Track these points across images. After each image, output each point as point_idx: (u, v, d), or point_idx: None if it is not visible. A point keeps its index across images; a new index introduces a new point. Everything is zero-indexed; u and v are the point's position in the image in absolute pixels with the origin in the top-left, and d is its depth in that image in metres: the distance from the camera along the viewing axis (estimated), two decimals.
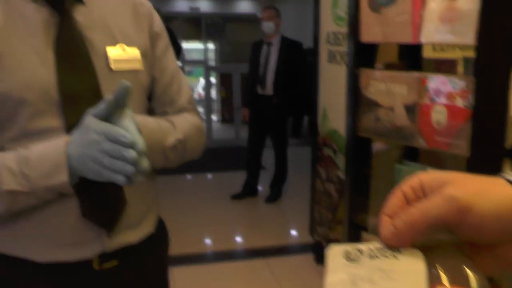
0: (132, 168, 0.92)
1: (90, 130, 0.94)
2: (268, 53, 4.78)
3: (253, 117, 4.94)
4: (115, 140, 0.92)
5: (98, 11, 1.13)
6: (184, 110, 1.27)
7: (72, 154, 0.97)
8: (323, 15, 3.33)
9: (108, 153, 0.92)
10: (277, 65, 4.70)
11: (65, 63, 1.03)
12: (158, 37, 1.24)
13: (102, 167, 0.94)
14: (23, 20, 1.04)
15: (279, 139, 4.97)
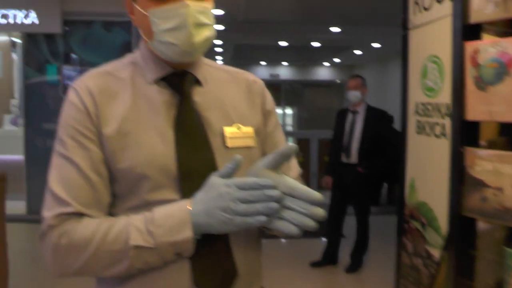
0: (277, 205, 0.97)
1: (217, 186, 1.00)
2: (353, 122, 4.78)
3: (336, 185, 4.89)
4: (251, 187, 0.98)
5: (215, 92, 1.21)
6: None
7: (197, 210, 1.02)
8: (411, 84, 3.32)
9: (244, 199, 0.98)
10: (363, 134, 4.69)
11: (184, 141, 1.11)
12: (270, 115, 1.29)
13: (235, 214, 0.98)
14: (147, 102, 1.13)
15: (361, 207, 4.87)
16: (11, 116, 7.05)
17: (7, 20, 5.85)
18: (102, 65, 1.21)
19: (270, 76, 14.56)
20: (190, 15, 1.08)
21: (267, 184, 0.98)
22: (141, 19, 1.13)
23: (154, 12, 1.09)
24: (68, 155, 1.08)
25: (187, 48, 1.10)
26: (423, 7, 3.12)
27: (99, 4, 5.83)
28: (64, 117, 1.12)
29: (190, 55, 1.14)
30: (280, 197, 0.98)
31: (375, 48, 10.61)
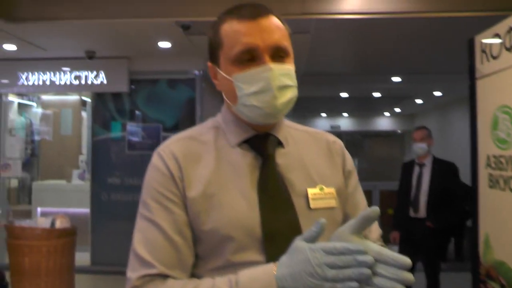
0: (369, 271, 0.92)
1: (302, 250, 0.96)
2: (420, 175, 4.63)
3: (404, 240, 4.71)
4: (340, 252, 0.93)
5: (297, 153, 1.22)
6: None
7: (282, 274, 0.98)
8: (480, 136, 3.19)
9: (333, 264, 0.93)
10: (430, 187, 4.52)
11: (267, 203, 1.11)
12: (350, 175, 1.29)
13: (323, 280, 0.93)
14: (230, 164, 1.15)
15: (431, 263, 4.63)
16: (79, 171, 7.33)
17: (79, 81, 6.18)
18: (185, 130, 1.25)
19: (330, 128, 14.51)
20: (274, 78, 1.09)
21: (358, 249, 0.93)
22: (225, 84, 1.16)
23: (238, 77, 1.11)
24: (152, 218, 1.10)
25: (271, 110, 1.12)
26: (491, 56, 3.03)
27: (164, 63, 6.06)
28: (149, 181, 1.15)
29: (274, 117, 1.15)
30: (372, 263, 0.93)
31: (436, 96, 10.39)
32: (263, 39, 1.10)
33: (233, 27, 1.12)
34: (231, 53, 1.11)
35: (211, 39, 1.19)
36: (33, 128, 7.95)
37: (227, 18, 1.15)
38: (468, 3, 3.48)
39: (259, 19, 1.11)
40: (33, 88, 6.27)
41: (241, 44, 1.10)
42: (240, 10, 1.13)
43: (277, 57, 1.12)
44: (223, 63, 1.15)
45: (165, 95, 6.18)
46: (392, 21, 4.49)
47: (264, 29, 1.11)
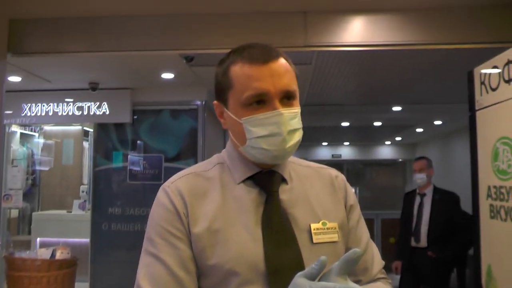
0: None
1: (303, 287, 0.97)
2: (421, 204, 4.64)
3: (406, 270, 4.69)
4: None
5: (300, 188, 1.24)
6: (376, 279, 1.30)
7: None
8: (481, 167, 3.20)
9: None
10: (431, 217, 4.52)
11: (271, 238, 1.12)
12: (352, 209, 1.31)
13: None
14: (235, 200, 1.17)
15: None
16: (79, 201, 7.32)
17: (81, 112, 6.22)
18: (192, 166, 1.28)
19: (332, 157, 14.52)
20: (284, 123, 1.12)
21: None
22: (233, 124, 1.19)
23: (248, 120, 1.14)
24: (157, 253, 1.12)
25: (280, 153, 1.15)
26: (490, 88, 3.06)
27: (166, 94, 6.11)
28: (154, 217, 1.17)
29: (282, 159, 1.19)
30: None
31: (437, 126, 10.44)
32: (273, 84, 1.12)
33: (244, 71, 1.14)
34: (241, 97, 1.14)
35: (219, 79, 1.21)
36: (35, 158, 7.97)
37: (238, 60, 1.17)
38: (467, 35, 3.53)
39: (270, 63, 1.14)
40: (36, 119, 6.31)
41: (252, 89, 1.12)
42: (250, 53, 1.15)
43: (286, 100, 1.15)
44: (232, 105, 1.17)
45: (168, 125, 6.22)
46: (393, 52, 4.56)
47: (274, 73, 1.13)
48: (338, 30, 3.50)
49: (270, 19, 3.51)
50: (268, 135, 1.12)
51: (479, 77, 3.21)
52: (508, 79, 2.82)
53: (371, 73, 5.55)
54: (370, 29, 3.54)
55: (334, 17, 3.50)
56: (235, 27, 3.55)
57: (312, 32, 3.47)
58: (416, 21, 3.52)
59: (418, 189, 4.75)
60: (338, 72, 5.45)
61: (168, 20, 3.64)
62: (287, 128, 1.12)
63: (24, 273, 3.25)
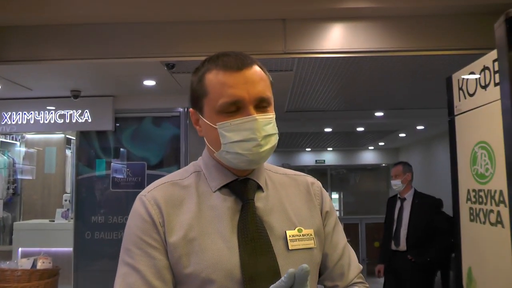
0: None
1: None
2: (401, 209, 4.69)
3: (387, 273, 4.74)
4: None
5: (276, 196, 1.25)
6: (353, 284, 1.31)
7: None
8: (461, 171, 3.24)
9: None
10: (410, 221, 4.57)
11: (247, 246, 1.13)
12: (328, 216, 1.32)
13: None
14: (211, 209, 1.18)
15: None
16: (62, 210, 7.25)
17: (63, 120, 6.18)
18: (169, 174, 1.28)
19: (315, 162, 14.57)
20: (259, 129, 1.14)
21: None
22: (208, 131, 1.20)
23: (223, 125, 1.15)
24: (133, 263, 1.13)
25: (254, 157, 1.16)
26: (467, 93, 3.11)
27: (148, 101, 6.10)
28: (131, 227, 1.18)
29: (257, 163, 1.20)
30: None
31: (419, 131, 10.55)
32: (248, 91, 1.14)
33: (218, 78, 1.15)
34: (216, 104, 1.15)
35: (194, 87, 1.23)
36: (16, 167, 7.88)
37: (212, 68, 1.18)
38: (445, 42, 3.59)
39: (244, 70, 1.15)
40: (17, 127, 6.25)
41: (227, 96, 1.13)
42: (225, 61, 1.17)
43: (261, 107, 1.17)
44: (207, 112, 1.19)
45: (150, 133, 6.20)
46: (373, 59, 4.61)
47: (248, 80, 1.15)
48: (317, 37, 3.53)
49: (249, 27, 3.54)
50: (243, 140, 1.13)
51: (457, 83, 3.26)
52: (484, 85, 2.87)
53: (352, 79, 5.59)
54: (349, 36, 3.58)
55: (313, 25, 3.53)
56: (215, 34, 3.57)
57: (291, 39, 3.50)
58: (394, 28, 3.57)
59: (399, 194, 4.81)
60: (319, 79, 5.48)
61: (148, 27, 3.65)
62: (261, 133, 1.14)
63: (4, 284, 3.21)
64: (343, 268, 1.31)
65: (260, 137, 1.13)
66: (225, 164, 1.22)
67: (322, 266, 1.30)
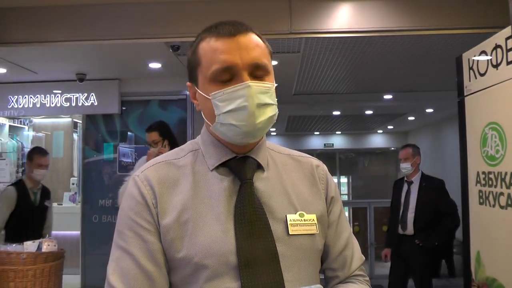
0: None
1: None
2: (408, 192, 4.63)
3: (394, 258, 4.69)
4: None
5: (277, 177, 1.19)
6: (354, 276, 1.26)
7: None
8: (470, 153, 3.18)
9: None
10: (417, 204, 4.51)
11: (244, 229, 1.08)
12: (334, 202, 1.25)
13: None
14: (207, 189, 1.12)
15: (422, 280, 4.60)
16: (70, 193, 7.27)
17: (69, 103, 6.17)
18: (164, 153, 1.22)
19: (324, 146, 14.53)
20: (252, 96, 1.06)
21: None
22: (203, 103, 1.14)
23: (216, 95, 1.09)
24: (126, 246, 1.09)
25: (249, 129, 1.08)
26: (478, 73, 3.04)
27: (154, 84, 6.07)
28: (124, 208, 1.13)
29: (252, 136, 1.12)
30: None
31: (428, 114, 10.45)
32: (241, 57, 1.07)
33: (211, 45, 1.10)
34: (208, 72, 1.09)
35: (189, 58, 1.17)
36: (24, 151, 7.91)
37: (205, 36, 1.12)
38: (455, 21, 3.51)
39: (237, 36, 1.09)
40: (23, 111, 6.25)
41: (219, 62, 1.07)
42: (218, 28, 1.11)
43: (257, 76, 1.10)
44: (201, 82, 1.13)
45: (157, 116, 6.17)
46: (381, 39, 4.53)
47: (242, 46, 1.08)
48: (323, 17, 3.46)
49: (254, 6, 3.47)
50: (236, 108, 1.06)
51: (467, 62, 3.19)
52: (496, 64, 2.80)
53: (360, 61, 5.52)
54: (357, 15, 3.50)
55: (320, 3, 3.46)
56: (220, 14, 3.50)
57: (297, 19, 3.43)
58: (403, 7, 3.49)
59: (406, 177, 4.74)
60: (327, 60, 5.42)
61: (152, 8, 3.60)
62: (255, 101, 1.06)
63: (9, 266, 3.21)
64: (346, 259, 1.25)
65: (253, 105, 1.06)
66: (222, 140, 1.15)
67: (325, 254, 1.24)
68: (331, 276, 1.25)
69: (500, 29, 2.75)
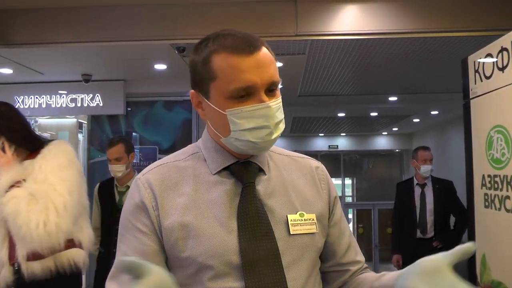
0: None
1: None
2: (422, 195, 4.59)
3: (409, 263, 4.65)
4: None
5: (278, 179, 1.21)
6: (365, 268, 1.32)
7: None
8: (476, 156, 3.17)
9: None
10: (435, 207, 4.50)
11: (247, 230, 1.10)
12: (337, 202, 1.29)
13: None
14: (209, 191, 1.14)
15: None
16: None
17: (75, 104, 6.19)
18: (166, 156, 1.24)
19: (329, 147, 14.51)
20: (272, 116, 1.09)
21: None
22: (215, 117, 1.14)
23: (233, 112, 1.09)
24: (124, 249, 1.12)
25: (266, 144, 1.12)
26: (484, 76, 3.03)
27: (160, 85, 6.08)
28: (124, 212, 1.16)
29: (266, 150, 1.17)
30: None
31: (433, 115, 10.43)
32: (260, 76, 1.08)
33: (229, 62, 1.08)
34: (227, 89, 1.08)
35: (199, 69, 1.14)
36: None
37: (220, 50, 1.10)
38: (461, 23, 3.50)
39: (255, 54, 1.09)
40: (29, 111, 6.27)
41: (239, 81, 1.07)
42: (235, 42, 1.09)
43: (270, 90, 1.11)
44: (215, 96, 1.11)
45: (162, 117, 6.19)
46: (387, 41, 4.52)
47: (261, 64, 1.09)
48: (329, 19, 3.46)
49: (260, 8, 3.47)
50: (256, 127, 1.08)
51: (473, 65, 3.18)
52: (502, 67, 2.79)
53: (366, 63, 5.51)
54: (362, 18, 3.50)
55: (326, 5, 3.46)
56: (226, 16, 3.51)
57: (303, 21, 3.43)
58: (408, 9, 3.49)
59: (418, 180, 4.68)
60: (332, 62, 5.41)
61: (158, 9, 3.60)
62: (274, 120, 1.09)
63: None
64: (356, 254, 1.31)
65: (273, 125, 1.09)
66: (226, 147, 1.17)
67: (330, 253, 1.27)
68: (341, 270, 1.29)
69: (506, 32, 2.74)
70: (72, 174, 2.35)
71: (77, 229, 2.41)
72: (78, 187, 2.37)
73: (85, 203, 2.53)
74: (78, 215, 2.39)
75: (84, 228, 2.50)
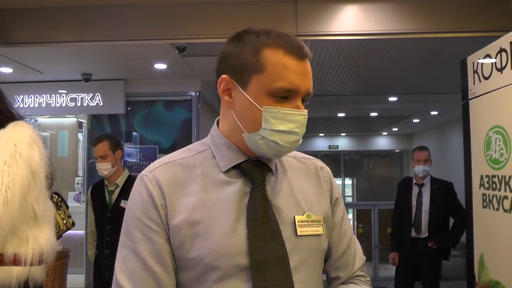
0: None
1: None
2: (419, 195, 4.60)
3: (404, 261, 4.66)
4: None
5: (285, 180, 1.20)
6: (356, 277, 1.27)
7: None
8: (474, 156, 3.18)
9: None
10: (431, 207, 4.50)
11: (255, 231, 1.08)
12: (338, 203, 1.28)
13: None
14: (218, 190, 1.12)
15: (431, 284, 4.59)
16: (74, 193, 7.30)
17: (75, 103, 6.19)
18: (172, 153, 1.21)
19: (329, 148, 14.52)
20: (304, 125, 1.11)
21: None
22: (247, 109, 1.11)
23: (270, 110, 1.08)
24: (133, 247, 1.09)
25: (287, 150, 1.12)
26: (483, 76, 3.04)
27: (160, 85, 6.09)
28: (131, 208, 1.12)
29: (282, 156, 1.16)
30: None
31: (433, 116, 10.43)
32: (303, 83, 1.09)
33: (282, 60, 1.08)
34: (271, 85, 1.07)
35: (243, 56, 1.11)
36: None
37: (273, 45, 1.09)
38: (461, 24, 3.51)
39: (305, 60, 1.10)
40: (29, 111, 6.28)
41: (287, 81, 1.07)
42: (291, 43, 1.10)
43: (304, 100, 1.13)
44: (255, 88, 1.09)
45: (162, 117, 6.20)
46: (387, 42, 4.53)
47: (306, 72, 1.10)
48: (329, 19, 3.47)
49: (260, 8, 3.48)
50: (287, 131, 1.08)
51: (472, 66, 3.19)
52: (500, 68, 2.80)
53: (366, 64, 5.52)
54: (362, 18, 3.51)
55: (325, 6, 3.47)
56: (225, 16, 3.52)
57: (303, 21, 3.44)
58: (408, 10, 3.49)
59: (416, 179, 4.70)
60: (332, 62, 5.42)
61: (158, 9, 3.61)
62: (303, 130, 1.11)
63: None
64: (348, 259, 1.27)
65: (302, 133, 1.11)
66: (236, 143, 1.16)
67: (327, 254, 1.25)
68: (333, 277, 1.27)
69: (504, 33, 2.75)
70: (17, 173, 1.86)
71: (15, 242, 1.90)
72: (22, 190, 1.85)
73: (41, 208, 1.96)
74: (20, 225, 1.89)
75: (40, 238, 1.96)
